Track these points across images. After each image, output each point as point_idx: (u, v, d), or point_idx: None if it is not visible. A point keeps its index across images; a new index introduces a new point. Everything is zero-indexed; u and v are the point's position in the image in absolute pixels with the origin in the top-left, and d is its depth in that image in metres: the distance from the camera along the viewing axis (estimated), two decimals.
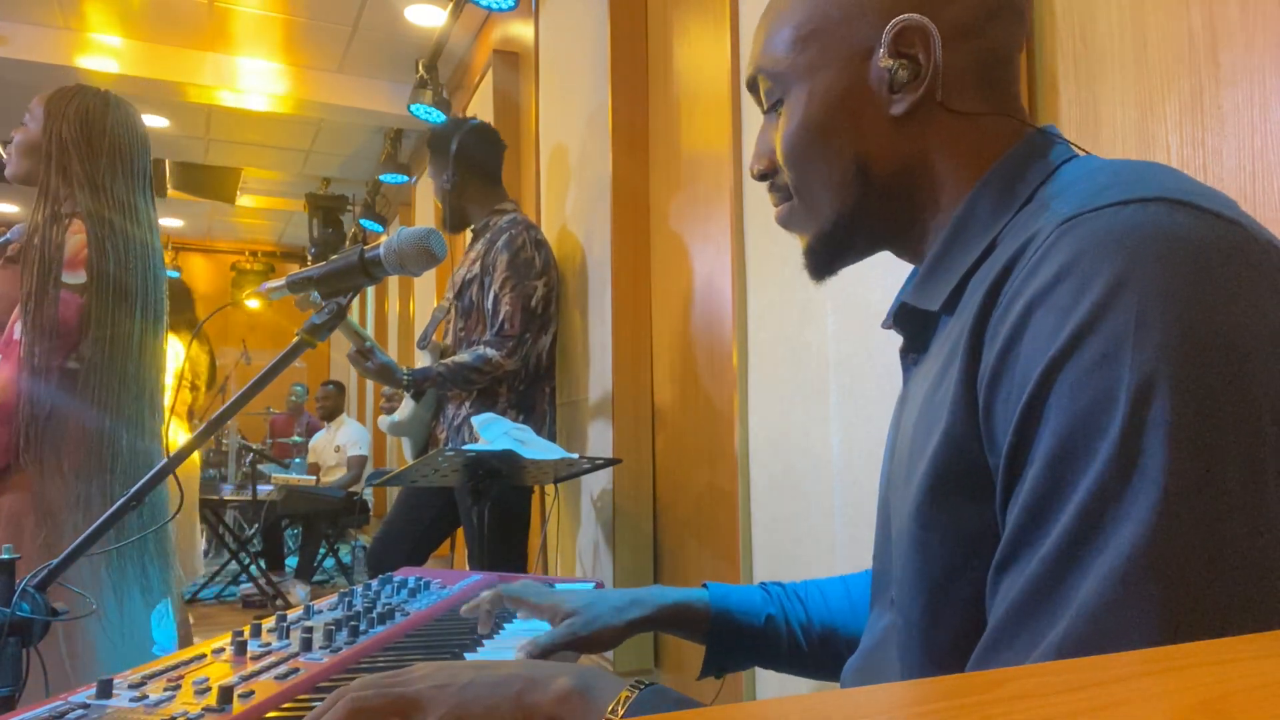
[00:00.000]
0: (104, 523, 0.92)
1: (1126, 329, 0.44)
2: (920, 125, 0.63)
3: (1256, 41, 1.01)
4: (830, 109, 0.65)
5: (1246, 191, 1.02)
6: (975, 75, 0.63)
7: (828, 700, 0.29)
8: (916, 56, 0.62)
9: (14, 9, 4.08)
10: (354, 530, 6.22)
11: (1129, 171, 0.53)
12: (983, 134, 0.63)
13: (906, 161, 0.64)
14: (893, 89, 0.63)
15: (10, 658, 0.89)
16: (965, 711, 0.26)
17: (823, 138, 0.66)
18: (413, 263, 0.98)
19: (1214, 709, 0.25)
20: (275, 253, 9.38)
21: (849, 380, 1.63)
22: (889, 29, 0.62)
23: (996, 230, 0.58)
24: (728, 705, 0.28)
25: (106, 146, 1.72)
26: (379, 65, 4.68)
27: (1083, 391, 0.45)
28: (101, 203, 1.68)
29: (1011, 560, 0.47)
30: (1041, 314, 0.47)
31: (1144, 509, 0.42)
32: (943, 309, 0.61)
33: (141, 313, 1.70)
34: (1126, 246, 0.46)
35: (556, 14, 3.23)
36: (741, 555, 1.98)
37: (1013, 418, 0.48)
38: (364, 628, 0.90)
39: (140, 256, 1.71)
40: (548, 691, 0.53)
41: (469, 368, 2.41)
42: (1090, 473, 0.43)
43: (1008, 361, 0.49)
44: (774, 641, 0.89)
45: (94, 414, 1.62)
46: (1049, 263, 0.48)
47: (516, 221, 2.57)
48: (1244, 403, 0.43)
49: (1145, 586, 0.41)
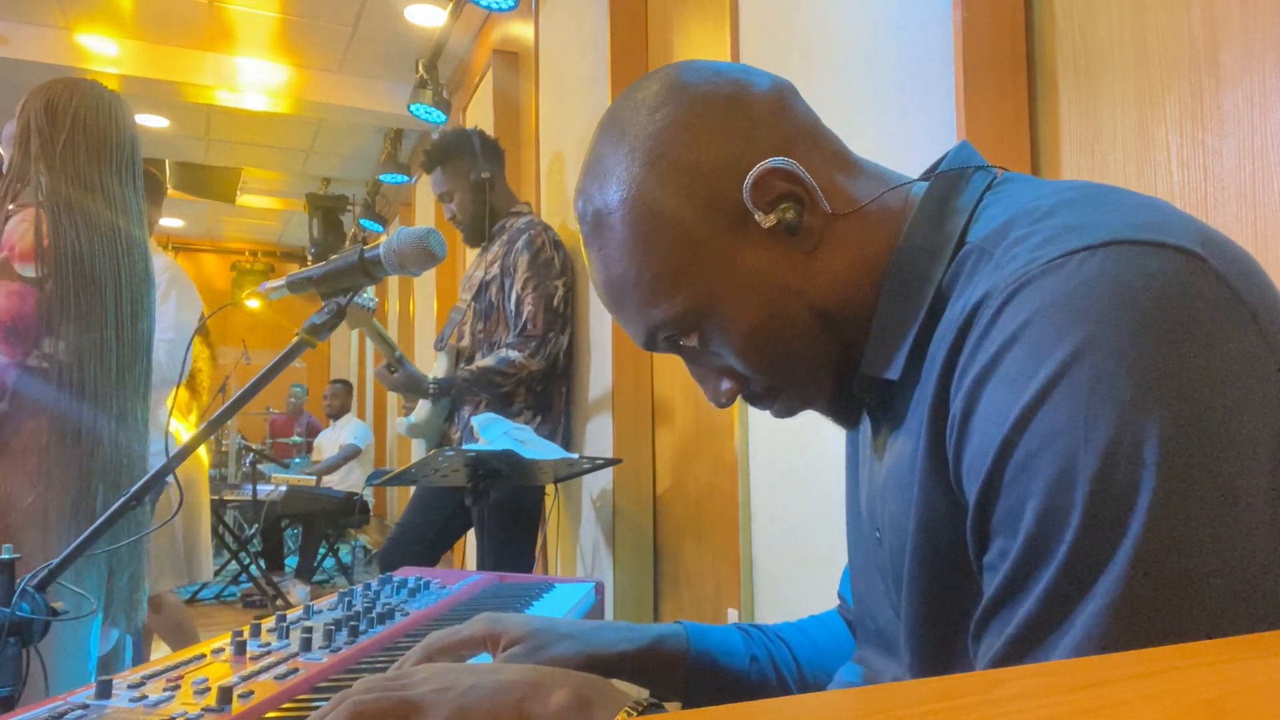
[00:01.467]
0: (103, 523, 0.92)
1: (1079, 401, 0.43)
2: (834, 242, 0.60)
3: (1256, 41, 1.01)
4: (760, 295, 0.60)
5: (1246, 191, 1.02)
6: (830, 166, 0.61)
7: (830, 700, 0.29)
8: (789, 192, 0.59)
9: (14, 9, 4.08)
10: (354, 530, 6.22)
11: (1074, 209, 0.50)
12: (881, 214, 0.61)
13: (847, 278, 0.61)
14: (793, 233, 0.59)
15: (10, 658, 0.89)
16: (965, 711, 0.26)
17: (773, 323, 0.61)
18: (412, 263, 0.98)
19: (1214, 709, 0.25)
20: (275, 253, 9.37)
21: None
22: (745, 193, 0.58)
23: (937, 279, 0.56)
24: (730, 705, 0.28)
25: (73, 129, 1.64)
26: (379, 65, 4.68)
27: (1041, 469, 0.44)
28: (66, 188, 1.60)
29: (981, 636, 0.47)
30: (993, 387, 0.46)
31: (1104, 594, 0.41)
32: (906, 375, 0.57)
33: (115, 304, 1.61)
34: (1076, 306, 0.44)
35: (556, 14, 3.23)
36: (741, 555, 1.98)
37: (974, 494, 0.47)
38: (364, 628, 0.90)
39: (111, 244, 1.62)
40: (548, 704, 0.51)
41: (493, 371, 2.42)
42: (1057, 555, 0.43)
43: (966, 437, 0.48)
44: (762, 687, 0.80)
45: (66, 414, 1.54)
46: (996, 331, 0.47)
47: (534, 223, 2.58)
48: (1212, 460, 0.41)
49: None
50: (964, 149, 0.63)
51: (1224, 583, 0.41)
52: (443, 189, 2.63)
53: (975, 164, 0.61)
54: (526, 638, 0.71)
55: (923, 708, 0.27)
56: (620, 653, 0.75)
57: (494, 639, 0.72)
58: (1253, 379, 0.43)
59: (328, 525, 5.49)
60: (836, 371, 0.63)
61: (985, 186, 0.59)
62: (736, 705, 0.28)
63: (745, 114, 0.61)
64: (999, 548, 0.46)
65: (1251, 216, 1.01)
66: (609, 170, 0.62)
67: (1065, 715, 0.25)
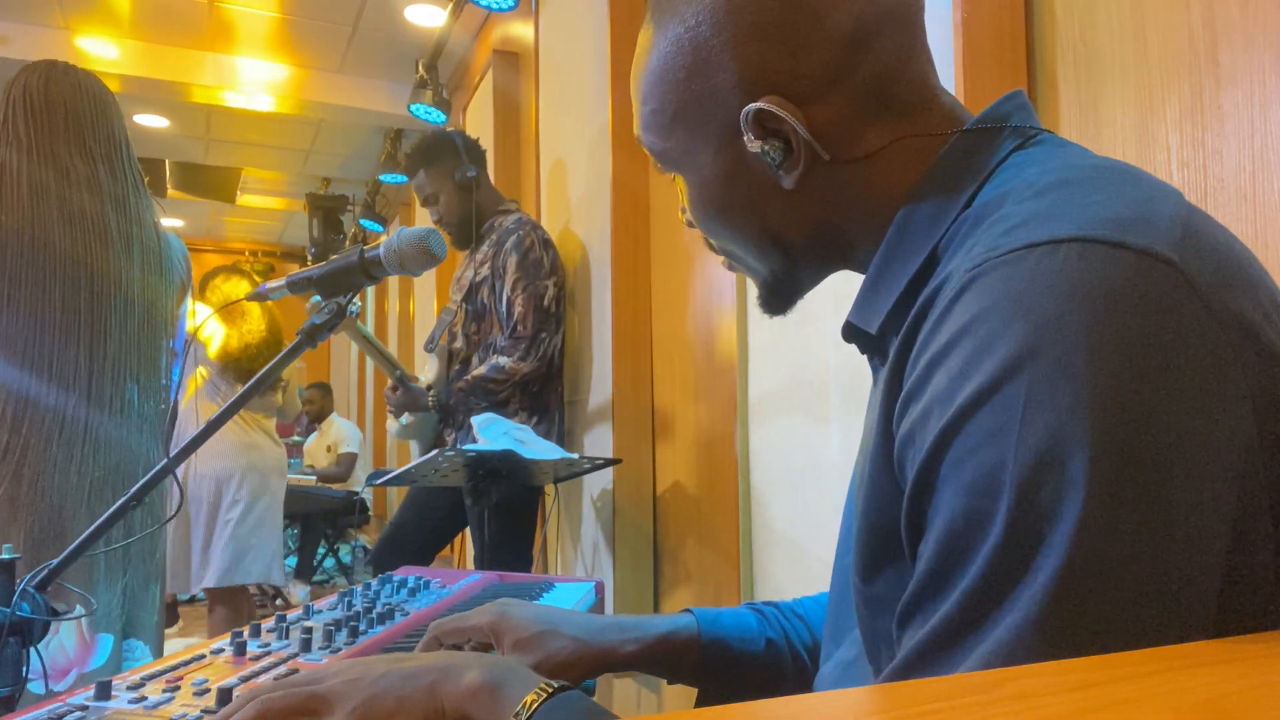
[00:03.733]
0: (104, 522, 0.92)
1: (1016, 405, 0.41)
2: (819, 187, 0.60)
3: (1256, 41, 1.01)
4: (723, 190, 0.62)
5: (1246, 191, 1.02)
6: (865, 114, 0.59)
7: (828, 700, 0.29)
8: (777, 133, 0.58)
9: (14, 9, 4.08)
10: (354, 530, 6.22)
11: (1058, 193, 0.48)
12: (894, 162, 0.59)
13: (818, 223, 0.61)
14: (776, 167, 0.59)
15: (10, 658, 0.89)
16: (965, 711, 0.26)
17: (725, 217, 0.63)
18: (412, 263, 0.98)
19: (1214, 709, 0.25)
20: (275, 253, 9.37)
21: (849, 380, 1.63)
22: (743, 117, 0.58)
23: (936, 239, 0.55)
24: (729, 705, 0.28)
25: (35, 110, 1.63)
26: (379, 65, 4.67)
27: (970, 469, 0.43)
28: (21, 165, 1.58)
29: (907, 621, 0.46)
30: (939, 377, 0.46)
31: (1026, 602, 0.40)
32: (887, 329, 0.57)
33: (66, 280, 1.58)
34: (1026, 306, 0.43)
35: (556, 14, 3.23)
36: (741, 555, 1.98)
37: (909, 484, 0.47)
38: (364, 628, 0.90)
39: (62, 217, 1.59)
40: (459, 685, 0.51)
41: (486, 379, 2.42)
42: (976, 560, 0.42)
43: (910, 421, 0.47)
44: (778, 668, 0.79)
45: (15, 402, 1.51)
46: (952, 318, 0.46)
47: (523, 222, 2.57)
48: (1149, 481, 0.40)
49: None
50: (1012, 99, 0.60)
51: (1150, 609, 0.39)
52: (427, 191, 2.60)
53: (1014, 119, 0.59)
54: (531, 640, 0.70)
55: (923, 707, 0.27)
56: (627, 652, 0.74)
57: (498, 635, 0.72)
58: (1212, 400, 0.41)
59: (327, 525, 5.49)
60: (773, 276, 0.66)
61: (1015, 147, 0.57)
62: (734, 706, 0.28)
63: (812, 27, 0.57)
64: (929, 538, 0.45)
65: (1251, 216, 1.01)
66: (682, 7, 0.62)
67: (1066, 715, 0.25)
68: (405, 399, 2.45)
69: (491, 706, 0.50)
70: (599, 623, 0.75)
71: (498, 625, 0.72)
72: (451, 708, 0.51)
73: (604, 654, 0.73)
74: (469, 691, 0.50)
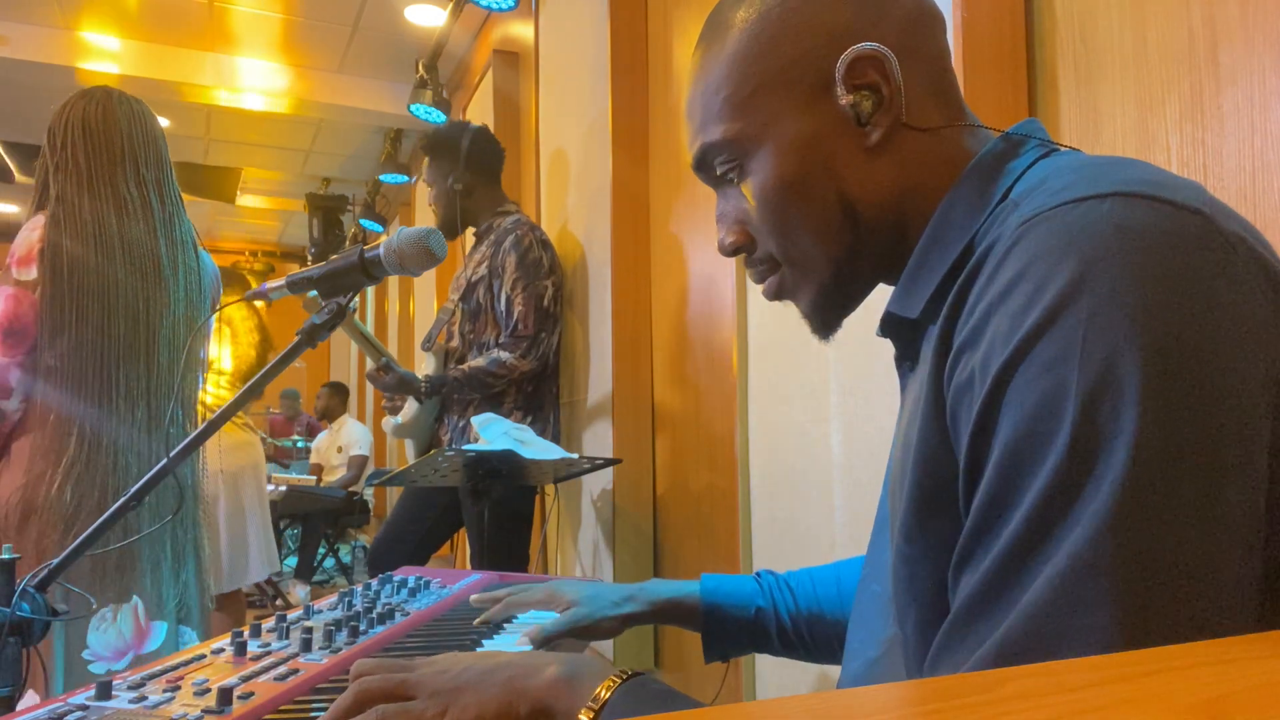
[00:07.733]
0: (104, 522, 0.92)
1: (1075, 334, 0.44)
2: (894, 150, 0.62)
3: (1256, 41, 1.01)
4: (802, 156, 0.63)
5: (1246, 191, 1.02)
6: (927, 89, 0.63)
7: (829, 700, 0.29)
8: (875, 84, 0.61)
9: (14, 9, 4.08)
10: (354, 530, 6.22)
11: (1092, 168, 0.52)
12: (948, 145, 0.63)
13: (890, 190, 0.63)
14: (861, 122, 0.62)
15: (10, 658, 0.89)
16: (965, 711, 0.26)
17: (801, 187, 0.63)
18: (412, 262, 0.98)
19: (1214, 709, 0.25)
20: (275, 253, 9.37)
21: (849, 379, 1.63)
22: (841, 64, 0.61)
23: (973, 231, 0.58)
24: (728, 705, 0.28)
25: (88, 138, 1.67)
26: (379, 65, 4.68)
27: (1032, 395, 0.45)
28: (75, 195, 1.63)
29: (966, 561, 0.47)
30: (998, 319, 0.48)
31: (1092, 514, 0.41)
32: (925, 317, 0.60)
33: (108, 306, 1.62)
34: (1078, 247, 0.46)
35: (556, 14, 3.23)
36: (741, 555, 1.98)
37: (969, 425, 0.48)
38: (364, 628, 0.90)
39: (110, 250, 1.63)
40: (538, 678, 0.56)
41: (484, 371, 2.42)
42: (1039, 478, 0.44)
43: (968, 368, 0.49)
44: (764, 631, 0.94)
45: (62, 419, 1.57)
46: (1007, 267, 0.49)
47: (521, 223, 2.58)
48: (1201, 403, 0.42)
49: (1088, 591, 0.41)
50: (1032, 123, 0.65)
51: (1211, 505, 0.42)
52: (428, 179, 2.68)
53: (1038, 136, 0.63)
54: (580, 602, 0.92)
55: (923, 707, 0.27)
56: (641, 611, 0.93)
57: (554, 599, 0.95)
58: (1249, 336, 0.44)
59: (327, 525, 5.49)
60: (837, 267, 0.65)
61: (1041, 155, 0.61)
62: (733, 706, 0.28)
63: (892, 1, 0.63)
64: (990, 466, 0.47)
65: (1252, 216, 1.01)
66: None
67: (1066, 715, 0.25)
68: (395, 381, 2.43)
69: (569, 697, 0.54)
70: (623, 590, 0.95)
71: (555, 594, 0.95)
72: (531, 700, 0.55)
73: (632, 614, 0.93)
74: (547, 684, 0.55)
